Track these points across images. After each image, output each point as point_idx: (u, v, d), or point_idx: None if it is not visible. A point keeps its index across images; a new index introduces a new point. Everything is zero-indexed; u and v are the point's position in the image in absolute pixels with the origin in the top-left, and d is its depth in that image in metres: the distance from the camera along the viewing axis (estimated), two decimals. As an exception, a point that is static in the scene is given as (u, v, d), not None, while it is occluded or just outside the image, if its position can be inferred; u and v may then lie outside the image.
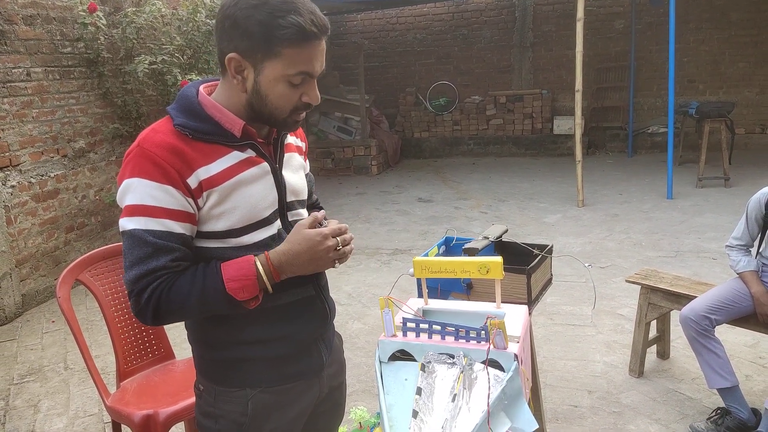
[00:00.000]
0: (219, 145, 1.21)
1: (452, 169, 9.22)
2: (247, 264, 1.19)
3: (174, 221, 1.17)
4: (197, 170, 1.17)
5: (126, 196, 1.17)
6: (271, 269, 1.20)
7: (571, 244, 5.23)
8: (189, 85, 1.28)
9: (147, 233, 1.15)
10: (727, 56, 9.02)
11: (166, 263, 1.16)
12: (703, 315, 2.56)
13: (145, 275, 1.15)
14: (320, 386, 1.38)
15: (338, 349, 1.48)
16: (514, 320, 1.43)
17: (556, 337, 3.53)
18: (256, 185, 1.24)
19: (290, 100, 1.21)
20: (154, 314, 1.17)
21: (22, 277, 4.42)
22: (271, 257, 1.20)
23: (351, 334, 3.76)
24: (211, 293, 1.17)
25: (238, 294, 1.17)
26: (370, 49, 10.51)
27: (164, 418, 2.06)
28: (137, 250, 1.16)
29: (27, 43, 4.53)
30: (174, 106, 1.23)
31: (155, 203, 1.15)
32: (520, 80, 10.04)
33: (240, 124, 1.22)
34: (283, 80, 1.18)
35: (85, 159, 5.12)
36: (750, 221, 2.62)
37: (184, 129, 1.18)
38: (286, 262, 1.20)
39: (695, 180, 7.01)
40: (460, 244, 2.17)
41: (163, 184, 1.14)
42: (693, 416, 2.69)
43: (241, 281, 1.17)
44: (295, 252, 1.20)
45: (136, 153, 1.17)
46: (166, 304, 1.16)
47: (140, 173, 1.15)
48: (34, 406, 3.13)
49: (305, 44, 1.15)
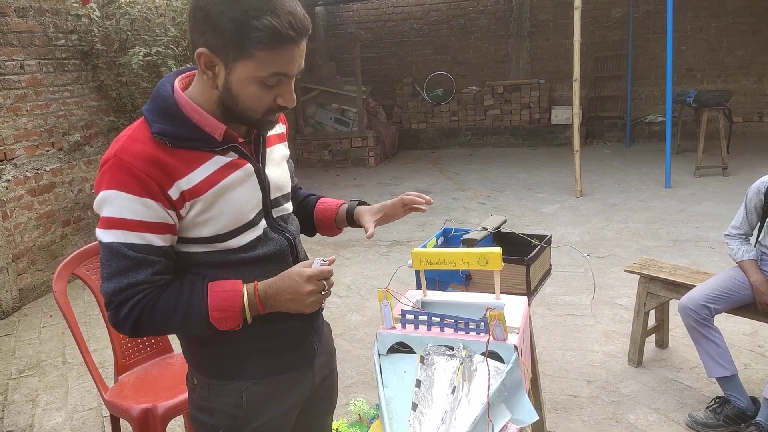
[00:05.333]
0: (200, 151, 1.16)
1: (450, 160, 9.20)
2: (234, 295, 1.17)
3: (154, 234, 1.13)
4: (178, 181, 1.13)
5: (103, 207, 1.12)
6: (257, 300, 1.19)
7: (570, 234, 5.22)
8: (164, 80, 1.21)
9: (125, 247, 1.12)
10: (725, 44, 8.99)
11: (146, 277, 1.14)
12: (702, 304, 2.56)
13: (124, 289, 1.13)
14: (313, 376, 1.39)
15: (328, 337, 1.48)
16: (514, 311, 1.42)
17: (555, 328, 3.53)
18: (240, 189, 1.21)
19: (263, 101, 1.14)
20: (133, 328, 1.16)
21: (19, 271, 4.40)
22: (259, 288, 1.19)
23: (350, 326, 3.75)
24: (194, 318, 1.16)
25: (221, 324, 1.18)
26: (367, 39, 10.45)
27: (163, 412, 2.06)
28: (115, 262, 1.12)
29: (20, 35, 4.48)
30: (149, 108, 1.16)
31: (134, 216, 1.11)
32: (518, 70, 10.00)
33: (221, 128, 1.17)
34: (255, 81, 1.11)
35: (81, 152, 5.09)
36: (749, 210, 2.61)
37: (163, 137, 1.12)
38: (271, 296, 1.19)
39: (693, 169, 7.00)
40: (459, 235, 2.16)
41: (143, 197, 1.10)
42: (692, 405, 2.69)
43: (225, 311, 1.17)
44: (278, 287, 1.19)
45: (113, 164, 1.11)
46: (148, 321, 1.15)
47: (118, 185, 1.10)
48: (33, 400, 3.13)
49: (280, 48, 1.08)
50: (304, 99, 9.37)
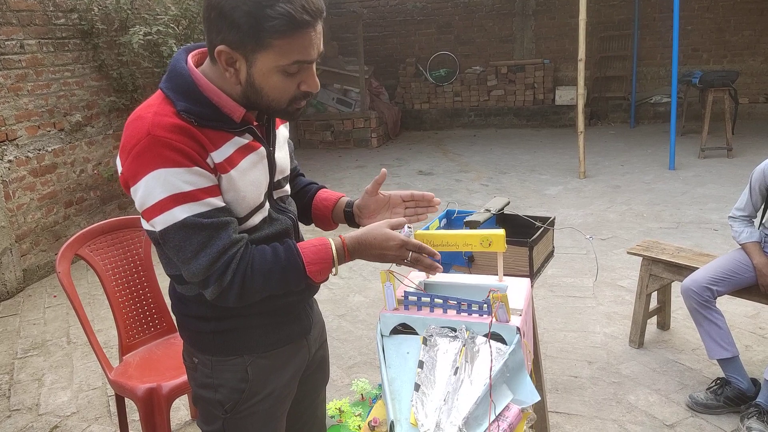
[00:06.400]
0: (221, 131, 1.17)
1: (453, 141, 9.16)
2: (325, 248, 1.23)
3: (214, 197, 1.15)
4: (210, 153, 1.15)
5: (155, 190, 1.11)
6: (345, 253, 1.25)
7: (573, 216, 5.21)
8: (177, 56, 1.21)
9: (199, 217, 1.13)
10: (732, 24, 8.87)
11: (231, 238, 1.16)
12: (705, 286, 2.56)
13: (217, 258, 1.14)
14: (308, 347, 1.43)
15: (317, 310, 1.52)
16: (517, 293, 1.41)
17: (557, 309, 3.54)
18: (255, 171, 1.23)
19: (287, 90, 1.16)
20: (240, 293, 1.17)
21: (22, 252, 4.42)
22: (347, 242, 1.25)
23: (352, 307, 3.77)
24: (292, 273, 1.20)
25: (317, 277, 1.22)
26: (369, 18, 10.33)
27: (167, 392, 2.08)
28: (196, 237, 1.13)
29: (19, 14, 4.44)
30: (169, 86, 1.16)
31: (192, 187, 1.12)
32: (522, 50, 9.89)
33: (241, 111, 1.18)
34: (277, 71, 1.13)
35: (83, 133, 5.07)
36: (753, 192, 2.59)
37: (189, 115, 1.13)
38: (358, 249, 1.26)
39: (698, 150, 6.96)
40: (462, 217, 2.15)
41: (191, 167, 1.11)
42: (693, 386, 2.71)
43: (320, 264, 1.22)
44: (369, 243, 1.25)
45: (148, 143, 1.09)
46: (251, 282, 1.17)
47: (163, 163, 1.09)
48: (39, 379, 3.16)
49: (297, 33, 1.09)
50: (306, 79, 9.29)
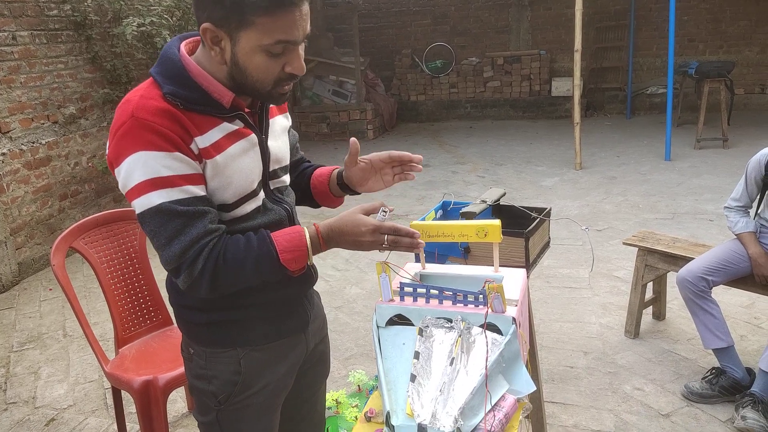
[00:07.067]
0: (209, 115, 1.16)
1: (449, 132, 9.14)
2: (298, 236, 1.19)
3: (194, 185, 1.13)
4: (195, 138, 1.14)
5: (134, 173, 1.10)
6: (320, 241, 1.21)
7: (569, 207, 5.22)
8: (170, 43, 1.21)
9: (175, 204, 1.11)
10: (728, 14, 8.85)
11: (206, 228, 1.14)
12: (701, 276, 2.56)
13: (190, 246, 1.13)
14: (306, 342, 1.42)
15: (319, 304, 1.51)
16: (512, 284, 1.41)
17: (553, 300, 3.55)
18: (245, 158, 1.21)
19: (271, 71, 1.14)
20: (211, 282, 1.15)
21: (17, 245, 4.40)
22: (321, 230, 1.21)
23: (348, 299, 3.77)
24: (266, 262, 1.17)
25: (291, 265, 1.19)
26: (365, 9, 10.27)
27: (164, 384, 2.08)
28: (170, 223, 1.12)
29: (11, 5, 4.39)
30: (158, 70, 1.16)
31: (171, 172, 1.10)
32: (518, 40, 9.86)
33: (230, 96, 1.17)
34: (260, 50, 1.11)
35: (77, 125, 5.04)
36: (749, 182, 2.59)
37: (175, 98, 1.12)
38: (332, 237, 1.21)
39: (693, 141, 6.96)
40: (458, 209, 2.15)
41: (172, 152, 1.10)
42: (688, 376, 2.72)
43: (293, 252, 1.18)
44: (341, 230, 1.21)
45: (131, 125, 1.09)
46: (224, 271, 1.15)
47: (144, 146, 1.08)
48: (35, 372, 3.15)
49: (280, 12, 1.07)
50: (302, 71, 9.25)
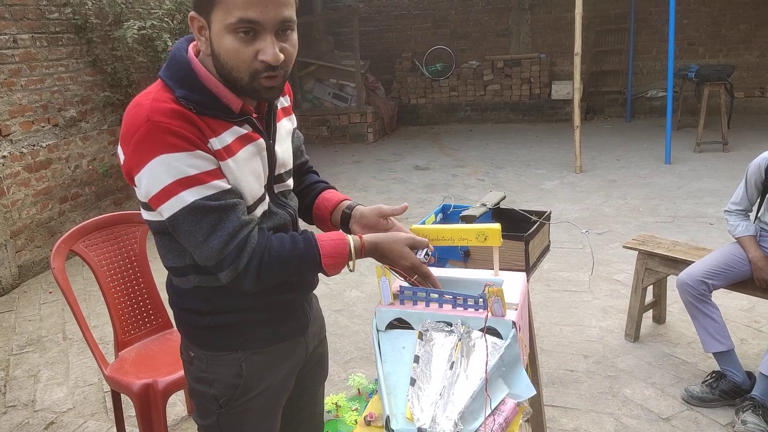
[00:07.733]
0: (220, 120, 1.16)
1: (449, 136, 9.15)
2: (342, 243, 1.23)
3: (219, 180, 1.14)
4: (210, 139, 1.14)
5: (160, 177, 1.09)
6: (362, 250, 1.26)
7: (569, 211, 5.22)
8: (178, 45, 1.21)
9: (206, 200, 1.11)
10: (728, 18, 8.86)
11: (239, 219, 1.15)
12: (701, 280, 2.56)
13: (229, 240, 1.13)
14: (306, 344, 1.42)
15: (317, 307, 1.51)
16: (513, 287, 1.41)
17: (553, 303, 3.54)
18: (253, 162, 1.22)
19: (241, 56, 1.09)
20: (257, 277, 1.17)
21: (17, 248, 4.40)
22: (366, 245, 1.26)
23: (348, 302, 3.77)
24: (308, 263, 1.20)
25: (331, 270, 1.23)
26: (365, 12, 10.29)
27: (163, 387, 2.07)
28: (205, 220, 1.12)
29: (12, 8, 4.40)
30: (168, 74, 1.15)
31: (196, 171, 1.10)
32: (518, 44, 9.87)
33: (239, 102, 1.17)
34: (227, 32, 1.07)
35: (77, 128, 5.04)
36: (749, 186, 2.59)
37: (188, 102, 1.12)
38: (373, 252, 1.27)
39: (693, 145, 6.97)
40: (458, 212, 2.15)
41: (193, 151, 1.10)
42: (688, 380, 2.72)
43: (335, 258, 1.22)
44: (383, 253, 1.28)
45: (149, 129, 1.07)
46: (268, 267, 1.17)
47: (165, 149, 1.08)
48: (34, 376, 3.15)
49: None
50: (302, 74, 9.27)
